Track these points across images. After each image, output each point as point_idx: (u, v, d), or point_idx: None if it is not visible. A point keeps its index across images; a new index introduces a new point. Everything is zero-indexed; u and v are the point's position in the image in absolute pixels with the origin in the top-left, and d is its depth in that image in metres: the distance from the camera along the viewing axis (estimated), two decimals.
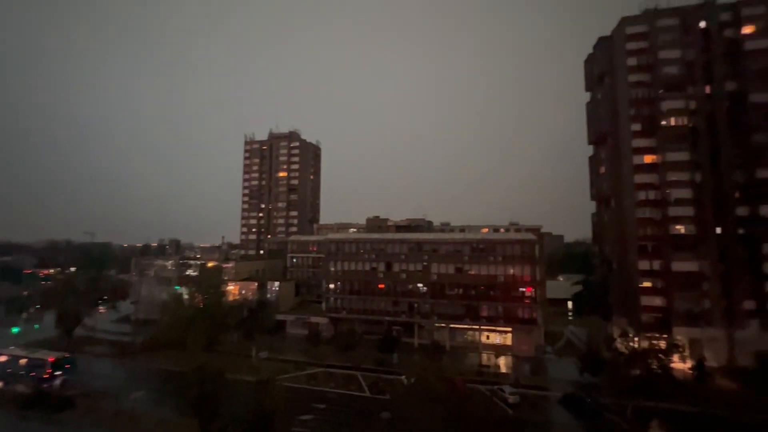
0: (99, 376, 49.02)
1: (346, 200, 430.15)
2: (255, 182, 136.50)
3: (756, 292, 55.36)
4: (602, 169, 71.01)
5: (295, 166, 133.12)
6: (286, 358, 55.44)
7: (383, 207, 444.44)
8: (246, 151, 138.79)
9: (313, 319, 72.28)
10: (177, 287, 78.23)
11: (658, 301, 57.98)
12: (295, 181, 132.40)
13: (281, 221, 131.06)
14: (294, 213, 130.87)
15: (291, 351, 60.32)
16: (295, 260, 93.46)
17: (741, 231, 56.92)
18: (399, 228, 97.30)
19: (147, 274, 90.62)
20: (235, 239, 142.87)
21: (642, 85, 62.22)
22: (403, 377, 47.76)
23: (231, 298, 76.91)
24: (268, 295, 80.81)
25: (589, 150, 76.86)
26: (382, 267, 70.18)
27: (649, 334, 43.90)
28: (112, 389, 43.77)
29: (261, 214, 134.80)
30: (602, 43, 69.90)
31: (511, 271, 63.42)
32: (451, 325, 65.18)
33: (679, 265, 57.41)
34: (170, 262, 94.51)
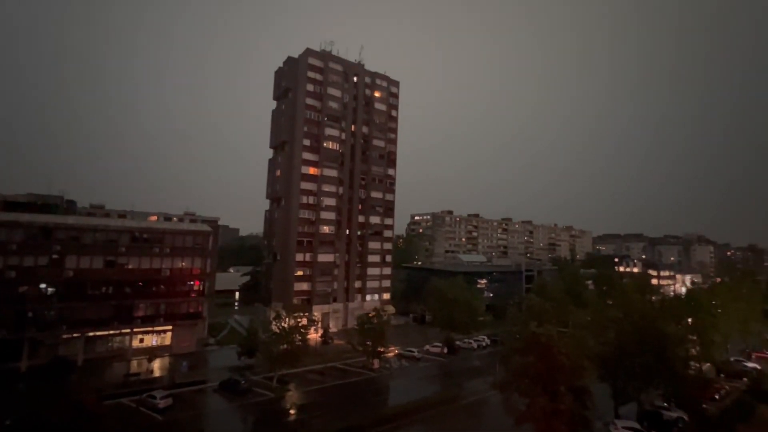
0: None
1: None
2: None
3: (362, 275, 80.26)
4: (278, 172, 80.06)
5: None
6: None
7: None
8: None
9: None
10: None
11: (305, 285, 72.04)
12: None
13: None
14: None
15: None
16: None
17: (359, 232, 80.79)
18: (11, 205, 67.25)
19: None
20: None
21: (314, 110, 75.81)
22: None
23: None
24: None
25: (271, 153, 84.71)
26: None
27: (296, 314, 53.43)
28: None
29: None
30: (291, 62, 79.36)
31: (181, 264, 58.67)
32: (90, 334, 51.82)
33: (323, 257, 73.94)
34: None
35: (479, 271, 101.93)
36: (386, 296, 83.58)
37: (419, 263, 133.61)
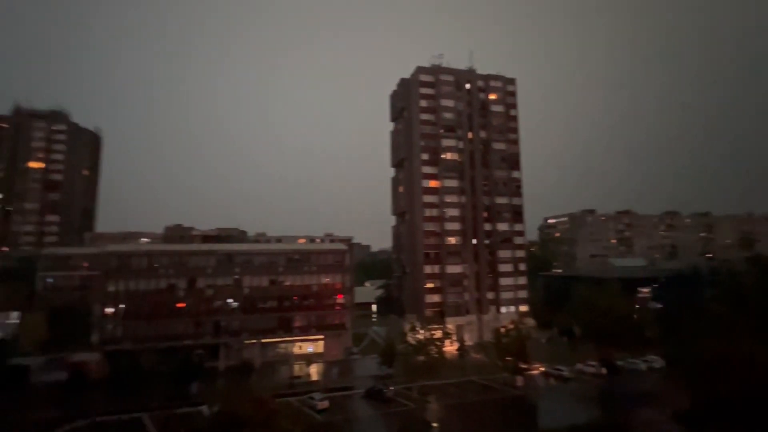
0: None
1: (140, 206, 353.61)
2: None
3: (494, 286, 76.39)
4: (401, 189, 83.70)
5: (59, 157, 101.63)
6: (26, 419, 40.55)
7: (190, 216, 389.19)
8: None
9: (77, 358, 55.59)
10: None
11: (436, 297, 72.26)
12: (57, 176, 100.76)
13: (29, 228, 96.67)
14: (54, 218, 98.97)
15: (37, 406, 44.62)
16: (51, 281, 70.19)
17: (486, 241, 77.55)
18: (207, 238, 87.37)
19: None
20: None
21: (429, 124, 77.22)
22: (203, 407, 42.36)
23: None
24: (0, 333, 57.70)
25: (393, 171, 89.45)
26: (183, 284, 60.88)
27: (430, 326, 54.10)
28: None
29: None
30: (404, 83, 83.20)
31: (325, 280, 66.22)
32: (263, 341, 62.42)
33: (451, 268, 73.31)
34: None
35: (639, 276, 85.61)
36: (523, 308, 77.40)
37: (559, 270, 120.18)
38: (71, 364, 54.52)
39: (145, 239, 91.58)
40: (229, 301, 61.83)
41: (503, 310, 75.75)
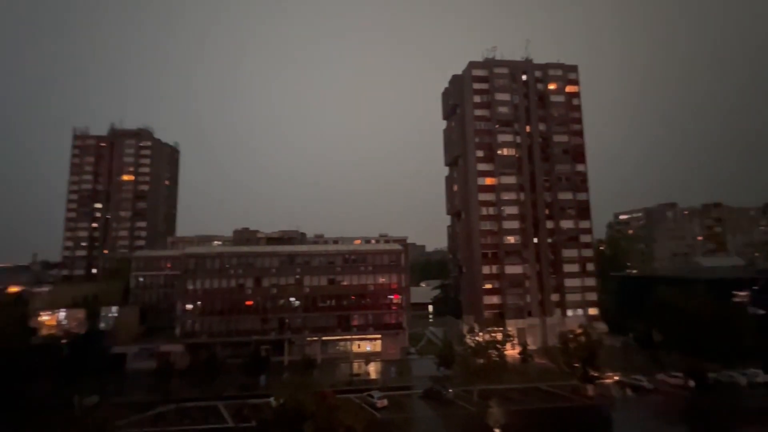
0: None
1: (211, 211, 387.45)
2: (87, 186, 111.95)
3: (558, 287, 71.77)
4: (455, 188, 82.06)
5: (146, 170, 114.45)
6: (124, 401, 46.15)
7: (255, 219, 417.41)
8: (75, 147, 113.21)
9: (164, 348, 62.19)
10: None
11: (495, 299, 69.61)
12: (144, 187, 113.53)
13: (124, 234, 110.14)
14: (142, 224, 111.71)
15: (133, 390, 50.62)
16: (141, 280, 79.47)
17: (549, 240, 73.16)
18: (270, 240, 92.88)
19: None
20: (55, 256, 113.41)
21: (483, 119, 74.77)
22: (271, 399, 44.97)
23: (45, 333, 60.47)
24: (102, 325, 66.43)
25: (446, 170, 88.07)
26: (250, 283, 65.44)
27: (489, 328, 52.20)
28: None
29: (95, 225, 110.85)
30: (456, 80, 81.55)
31: (381, 280, 67.08)
32: (323, 338, 64.88)
33: (510, 269, 70.21)
34: None
35: (734, 277, 75.11)
36: (592, 311, 71.73)
37: (634, 271, 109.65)
38: (159, 354, 61.21)
39: (217, 242, 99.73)
40: (292, 299, 65.14)
41: (569, 313, 70.84)
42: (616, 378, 49.66)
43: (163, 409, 44.15)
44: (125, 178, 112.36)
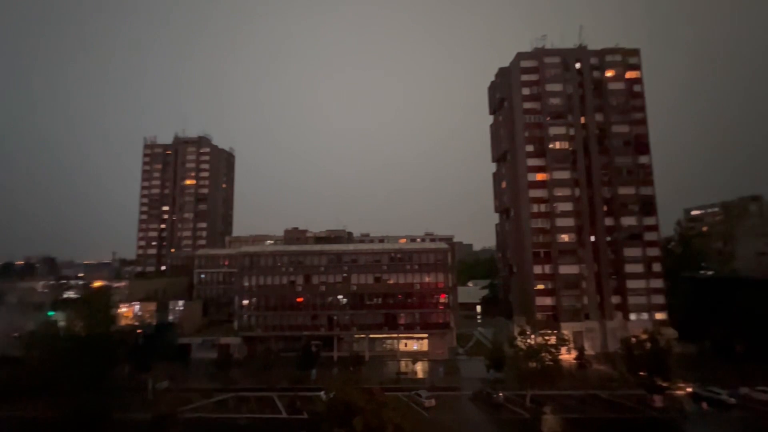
0: None
1: (263, 212, 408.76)
2: (156, 190, 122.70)
3: (619, 288, 66.64)
4: (503, 184, 79.18)
5: (205, 174, 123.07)
6: (190, 387, 50.01)
7: (304, 219, 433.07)
8: (146, 155, 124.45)
9: (224, 341, 66.60)
10: (50, 313, 65.70)
11: (548, 300, 66.19)
12: (204, 190, 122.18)
13: (187, 234, 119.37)
14: (203, 225, 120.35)
15: (197, 378, 54.69)
16: (203, 276, 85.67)
17: (608, 238, 68.18)
18: (318, 239, 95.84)
19: (6, 300, 74.55)
20: (131, 254, 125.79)
21: (533, 112, 71.31)
22: (322, 393, 46.40)
23: (123, 322, 67.10)
24: (171, 317, 72.49)
25: (494, 167, 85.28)
26: (300, 280, 67.99)
27: (542, 331, 49.74)
28: None
29: (163, 226, 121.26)
30: (502, 73, 78.65)
31: (427, 279, 66.55)
32: (371, 336, 65.68)
33: (564, 269, 66.39)
34: (40, 283, 79.29)
35: None
36: (659, 315, 65.66)
37: (709, 272, 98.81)
38: (219, 345, 65.68)
39: (269, 241, 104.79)
40: (339, 297, 66.68)
41: (633, 317, 65.46)
42: (690, 389, 45.09)
43: (224, 397, 47.24)
44: (188, 182, 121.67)
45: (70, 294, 76.04)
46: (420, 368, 58.52)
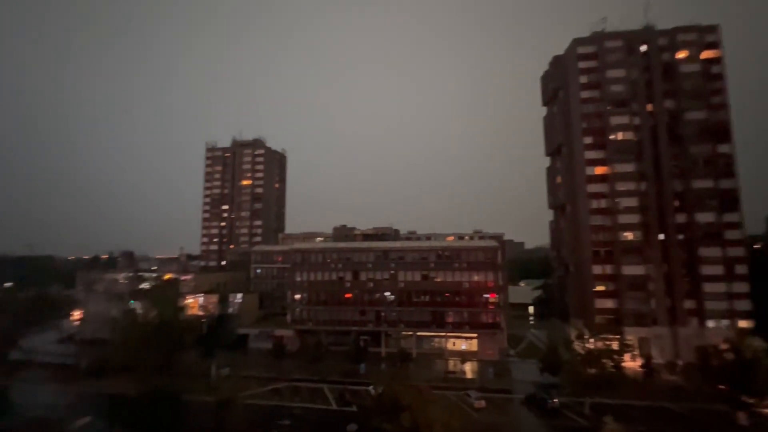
0: (38, 405, 44.63)
1: (313, 209, 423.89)
2: (217, 191, 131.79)
3: (694, 292, 60.21)
4: (558, 179, 74.88)
5: (260, 175, 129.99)
6: (248, 375, 53.22)
7: (351, 216, 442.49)
8: (208, 158, 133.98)
9: (278, 332, 70.05)
10: (131, 302, 73.35)
11: (610, 303, 61.54)
12: (259, 190, 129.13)
13: (245, 231, 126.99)
14: (258, 222, 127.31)
15: (254, 366, 58.07)
16: (259, 271, 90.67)
17: (680, 236, 61.87)
18: (366, 236, 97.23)
19: (95, 290, 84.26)
20: (195, 250, 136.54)
21: (592, 101, 66.54)
22: (370, 387, 47.18)
23: (190, 312, 73.09)
24: (230, 309, 77.60)
25: (547, 161, 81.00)
26: (349, 276, 69.53)
27: (603, 335, 46.47)
28: (53, 418, 39.94)
29: (223, 224, 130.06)
30: (557, 61, 74.32)
31: (476, 278, 64.93)
32: (418, 333, 65.49)
33: (629, 269, 61.33)
34: (122, 275, 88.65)
35: None
36: (743, 323, 58.37)
37: None
38: (274, 336, 69.12)
39: (319, 238, 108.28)
40: (387, 293, 67.24)
41: (710, 323, 58.91)
42: None
43: (278, 386, 49.73)
44: (244, 182, 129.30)
45: (146, 285, 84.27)
46: (469, 368, 57.33)
